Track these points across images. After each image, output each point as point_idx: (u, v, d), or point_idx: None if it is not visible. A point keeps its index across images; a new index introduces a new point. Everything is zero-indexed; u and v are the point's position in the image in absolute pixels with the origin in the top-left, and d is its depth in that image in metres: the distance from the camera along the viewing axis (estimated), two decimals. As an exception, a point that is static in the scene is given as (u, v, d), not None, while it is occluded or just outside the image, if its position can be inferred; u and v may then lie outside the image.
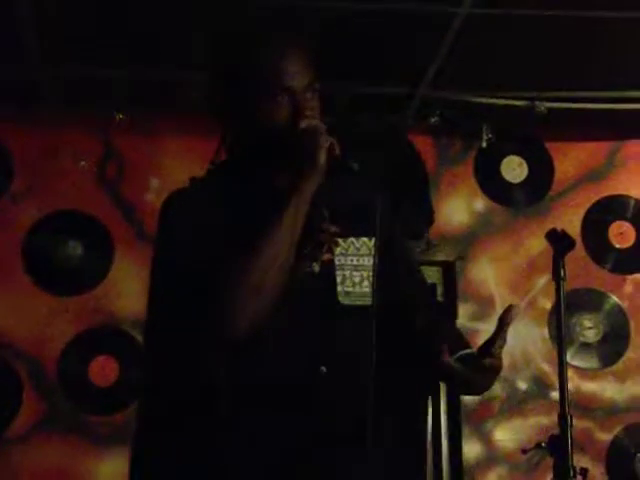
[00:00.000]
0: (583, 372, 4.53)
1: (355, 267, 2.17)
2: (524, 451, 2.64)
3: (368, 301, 2.12)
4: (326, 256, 2.14)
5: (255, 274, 1.94)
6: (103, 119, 4.29)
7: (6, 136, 4.32)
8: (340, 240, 2.17)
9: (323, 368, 1.98)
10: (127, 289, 4.21)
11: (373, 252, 2.17)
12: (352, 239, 2.19)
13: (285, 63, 2.05)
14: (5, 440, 4.17)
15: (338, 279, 2.14)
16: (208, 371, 2.04)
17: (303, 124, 2.02)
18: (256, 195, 2.08)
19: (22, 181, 4.33)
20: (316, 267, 2.07)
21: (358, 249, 2.19)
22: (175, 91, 4.02)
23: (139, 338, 4.12)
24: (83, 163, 4.36)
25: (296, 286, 2.03)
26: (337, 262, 2.15)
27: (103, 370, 4.28)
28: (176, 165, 4.27)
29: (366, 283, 2.16)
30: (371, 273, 2.15)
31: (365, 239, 2.21)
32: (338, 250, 2.17)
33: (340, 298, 2.13)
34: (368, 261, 2.17)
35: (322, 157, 1.98)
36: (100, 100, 4.14)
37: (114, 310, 4.29)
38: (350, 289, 2.15)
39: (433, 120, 4.21)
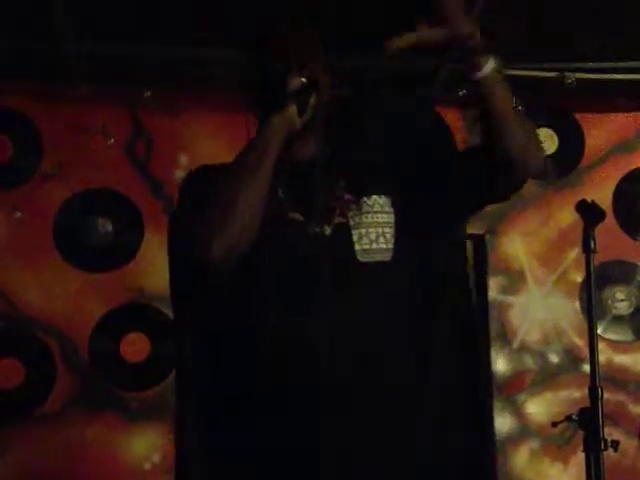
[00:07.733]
0: (616, 345, 4.51)
1: (370, 224, 2.18)
2: (554, 424, 2.64)
3: (387, 257, 2.16)
4: (338, 219, 2.17)
5: (225, 194, 2.08)
6: (132, 96, 4.29)
7: (36, 114, 4.33)
8: (352, 204, 2.20)
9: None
10: (157, 265, 4.21)
11: (386, 209, 2.19)
12: (364, 199, 2.21)
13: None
14: (39, 417, 4.21)
15: (354, 238, 2.16)
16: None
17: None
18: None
19: (52, 159, 4.34)
20: (327, 229, 2.10)
21: (371, 206, 2.21)
22: (204, 68, 4.01)
23: (169, 314, 4.14)
24: (112, 141, 4.36)
25: (306, 248, 2.13)
26: (351, 223, 2.18)
27: (134, 346, 4.31)
28: (204, 141, 4.27)
29: (382, 239, 2.18)
30: (386, 229, 2.18)
31: (375, 197, 2.22)
32: (351, 213, 2.19)
33: (359, 256, 2.15)
34: (381, 217, 2.19)
35: (292, 102, 2.10)
36: (129, 77, 4.14)
37: (144, 286, 4.31)
38: (367, 246, 2.17)
39: (461, 93, 4.17)
